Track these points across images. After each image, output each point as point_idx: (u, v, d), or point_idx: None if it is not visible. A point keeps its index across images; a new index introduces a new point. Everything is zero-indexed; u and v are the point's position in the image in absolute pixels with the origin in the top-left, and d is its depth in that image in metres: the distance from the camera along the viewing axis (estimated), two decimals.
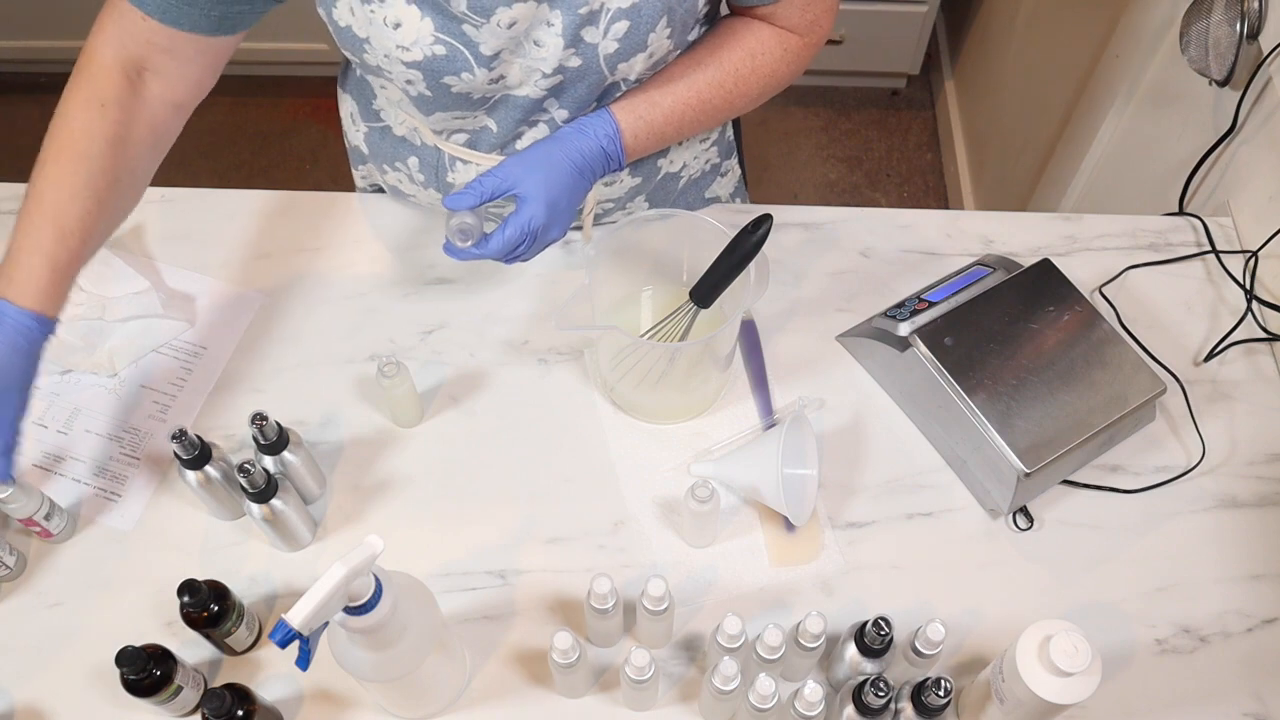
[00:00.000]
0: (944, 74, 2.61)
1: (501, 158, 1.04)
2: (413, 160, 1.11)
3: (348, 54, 0.95)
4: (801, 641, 0.89)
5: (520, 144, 1.03)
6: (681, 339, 1.03)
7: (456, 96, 0.95)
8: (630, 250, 1.05)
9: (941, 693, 0.84)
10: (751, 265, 0.97)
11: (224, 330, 1.16)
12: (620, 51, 0.92)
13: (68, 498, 1.05)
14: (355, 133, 1.19)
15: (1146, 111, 1.54)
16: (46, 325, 0.88)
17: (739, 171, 1.28)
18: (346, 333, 1.16)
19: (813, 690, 0.82)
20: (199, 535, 1.04)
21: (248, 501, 0.95)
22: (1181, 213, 1.30)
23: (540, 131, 1.01)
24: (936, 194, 2.54)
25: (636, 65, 0.94)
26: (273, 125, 2.68)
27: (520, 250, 0.96)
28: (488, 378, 1.13)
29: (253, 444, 0.97)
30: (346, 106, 1.19)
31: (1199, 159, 1.29)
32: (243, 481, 0.93)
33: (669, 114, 0.99)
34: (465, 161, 1.06)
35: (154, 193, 1.26)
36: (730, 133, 1.21)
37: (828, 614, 0.89)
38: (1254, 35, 1.19)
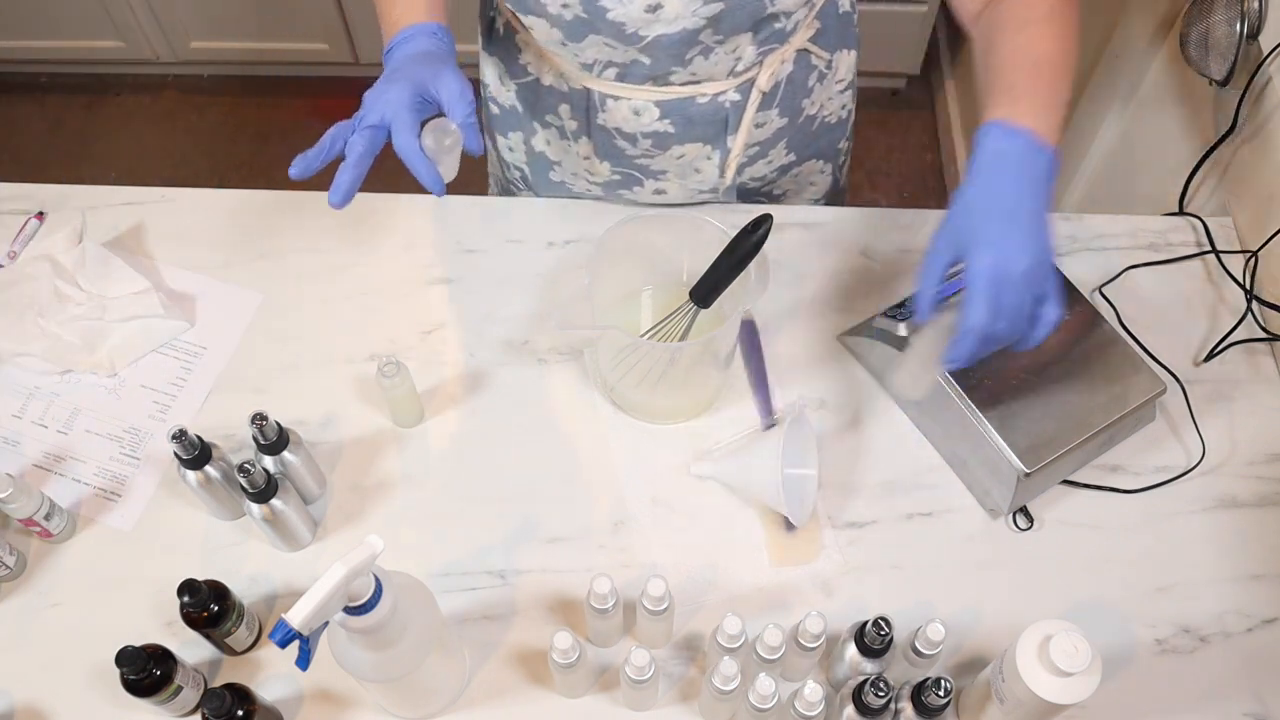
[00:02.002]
0: (944, 74, 2.61)
1: (655, 90, 1.05)
2: (564, 107, 1.12)
3: None
4: (801, 641, 0.89)
5: (674, 79, 1.03)
6: (681, 339, 1.03)
7: (610, 24, 0.96)
8: (630, 250, 1.05)
9: (941, 693, 0.85)
10: (751, 265, 0.97)
11: (224, 330, 1.16)
12: None
13: (68, 498, 1.05)
14: (505, 94, 1.19)
15: (1146, 111, 1.54)
16: (437, 26, 0.95)
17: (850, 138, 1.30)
18: (346, 333, 1.16)
19: (813, 690, 0.82)
20: (199, 535, 1.04)
21: (248, 501, 0.95)
22: (1181, 213, 1.30)
23: (698, 67, 1.01)
24: (936, 194, 2.54)
25: None
26: (273, 125, 2.68)
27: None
28: (488, 378, 1.13)
29: (253, 444, 0.97)
30: (492, 71, 1.19)
31: (1199, 159, 1.29)
32: (243, 481, 0.93)
33: (1044, 79, 0.87)
34: (615, 98, 1.07)
35: (154, 193, 1.26)
36: (854, 86, 1.22)
37: (828, 614, 0.89)
38: (1254, 35, 1.19)
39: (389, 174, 1.02)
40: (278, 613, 0.99)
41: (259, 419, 0.95)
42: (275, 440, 0.97)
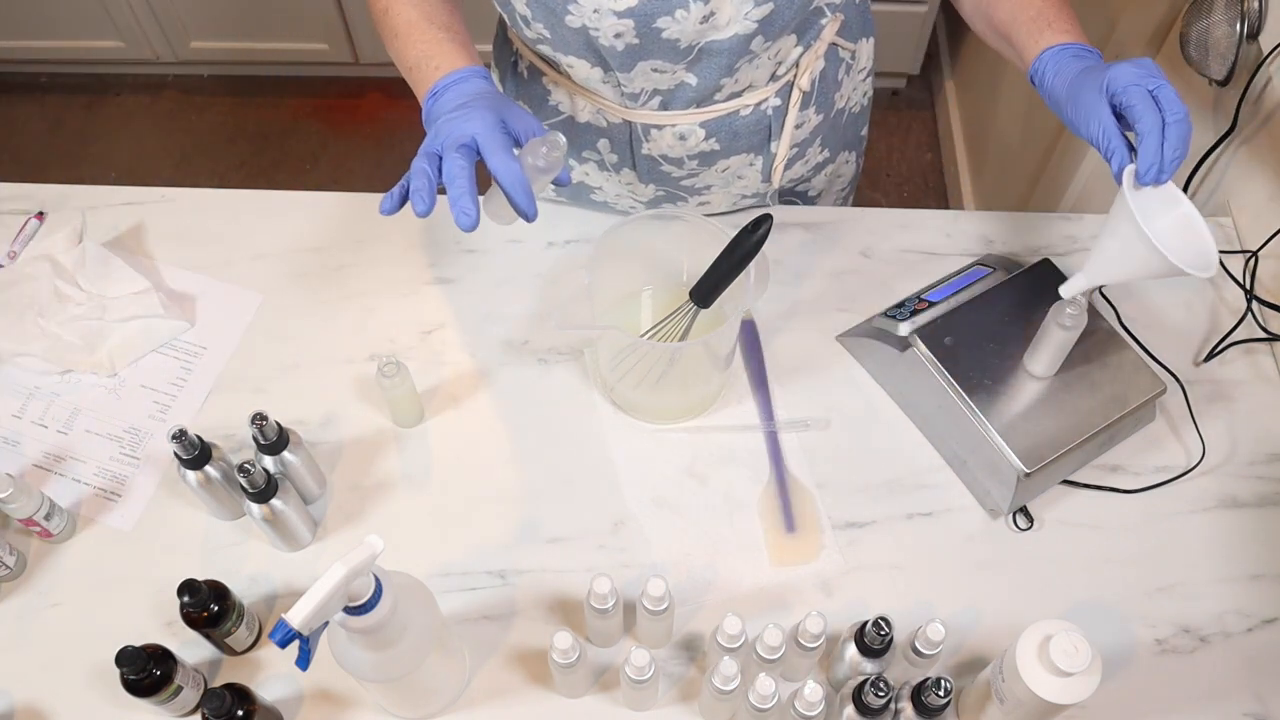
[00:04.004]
0: (944, 74, 2.61)
1: (698, 112, 1.04)
2: (603, 143, 1.11)
3: (537, 30, 0.96)
4: (801, 641, 0.89)
5: (719, 96, 1.03)
6: (681, 339, 1.03)
7: (664, 44, 0.94)
8: (630, 250, 1.05)
9: (941, 693, 0.85)
10: (751, 265, 0.97)
11: (224, 330, 1.16)
12: None
13: (68, 498, 1.05)
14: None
15: None
16: (484, 71, 0.95)
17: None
18: (346, 333, 1.16)
19: (813, 690, 0.82)
20: (199, 535, 1.04)
21: (248, 501, 0.95)
22: None
23: (745, 76, 1.01)
24: (936, 194, 2.54)
25: None
26: (273, 125, 2.68)
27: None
28: (488, 378, 1.13)
29: (253, 444, 0.97)
30: None
31: (1199, 159, 1.29)
32: (243, 481, 0.93)
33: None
34: (659, 127, 1.06)
35: (154, 193, 1.26)
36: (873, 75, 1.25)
37: (828, 614, 0.89)
38: (1254, 35, 1.19)
39: (389, 174, 1.02)
40: (278, 613, 0.99)
41: (259, 419, 0.95)
42: (275, 440, 0.97)
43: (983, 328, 1.06)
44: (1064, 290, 0.98)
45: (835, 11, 1.01)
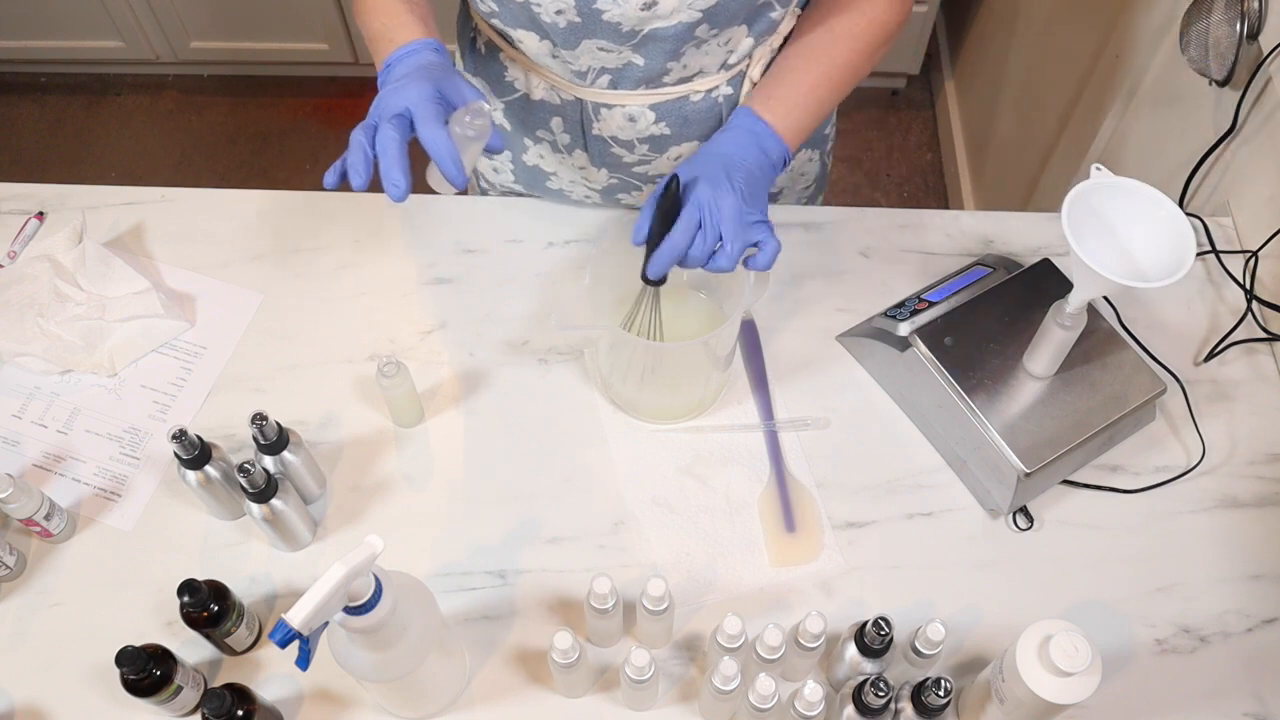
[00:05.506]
0: (944, 74, 2.61)
1: (648, 93, 1.05)
2: (556, 121, 1.12)
3: (489, 3, 0.97)
4: (801, 641, 0.89)
5: (667, 79, 1.04)
6: (656, 325, 1.02)
7: (605, 25, 0.95)
8: (630, 250, 1.05)
9: (941, 693, 0.85)
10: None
11: (224, 330, 1.16)
12: None
13: (68, 498, 1.05)
14: (492, 113, 1.19)
15: (1146, 111, 1.54)
16: (437, 44, 0.97)
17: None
18: (346, 333, 1.16)
19: (813, 690, 0.82)
20: (199, 535, 1.04)
21: (248, 501, 0.95)
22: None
23: (690, 60, 1.02)
24: (936, 194, 2.54)
25: None
26: (273, 125, 2.68)
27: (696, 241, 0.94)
28: (488, 378, 1.13)
29: (253, 444, 0.97)
30: None
31: (1199, 159, 1.29)
32: (243, 481, 0.93)
33: (808, 97, 1.02)
34: (610, 106, 1.07)
35: (154, 193, 1.26)
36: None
37: (828, 614, 0.89)
38: (1254, 35, 1.19)
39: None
40: (278, 613, 0.99)
41: (259, 419, 0.95)
42: (275, 440, 0.97)
43: (983, 328, 1.06)
44: (1067, 304, 0.98)
45: (788, 5, 1.01)
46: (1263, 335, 1.16)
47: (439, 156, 0.86)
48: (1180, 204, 1.32)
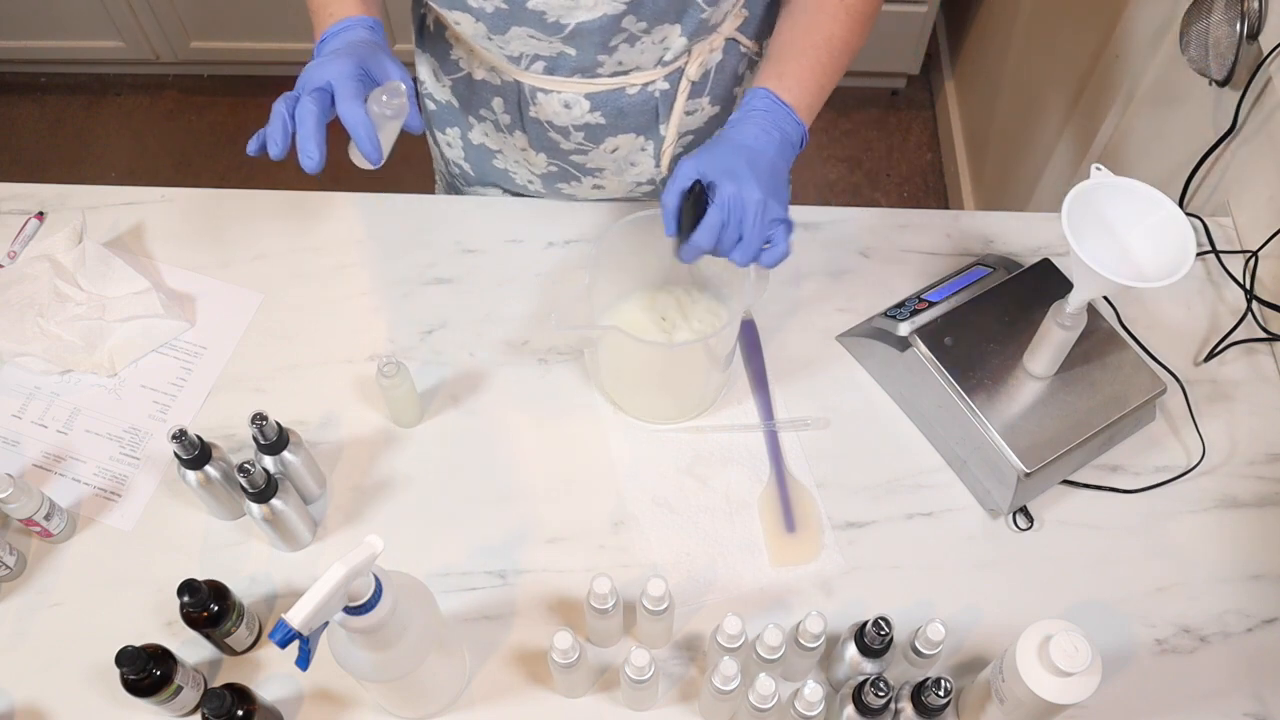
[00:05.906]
0: (944, 74, 2.61)
1: (583, 82, 1.06)
2: (497, 101, 1.13)
3: None
4: (801, 641, 0.89)
5: (602, 70, 1.04)
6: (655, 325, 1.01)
7: (531, 14, 0.96)
8: (630, 250, 1.05)
9: (941, 693, 0.85)
10: (752, 266, 0.97)
11: (224, 330, 1.16)
12: None
13: (68, 498, 1.05)
14: (440, 90, 1.20)
15: (1146, 111, 1.54)
16: (374, 20, 0.98)
17: None
18: (346, 333, 1.16)
19: (813, 690, 0.82)
20: (199, 535, 1.04)
21: (248, 501, 0.95)
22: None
23: (625, 56, 1.02)
24: (936, 194, 2.54)
25: None
26: None
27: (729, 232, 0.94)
28: (488, 378, 1.13)
29: (253, 444, 0.97)
30: (426, 68, 1.21)
31: (1199, 159, 1.29)
32: (243, 481, 0.93)
33: (816, 71, 1.00)
34: (546, 91, 1.07)
35: (154, 193, 1.26)
36: None
37: (828, 614, 0.90)
38: (1254, 35, 1.19)
39: (390, 175, 1.02)
40: (278, 613, 0.99)
41: (259, 419, 0.95)
42: (275, 440, 0.97)
43: (983, 328, 1.06)
44: (1067, 304, 0.98)
45: (716, 5, 1.01)
46: (1263, 335, 1.16)
47: (355, 132, 0.88)
48: (1180, 204, 1.32)
